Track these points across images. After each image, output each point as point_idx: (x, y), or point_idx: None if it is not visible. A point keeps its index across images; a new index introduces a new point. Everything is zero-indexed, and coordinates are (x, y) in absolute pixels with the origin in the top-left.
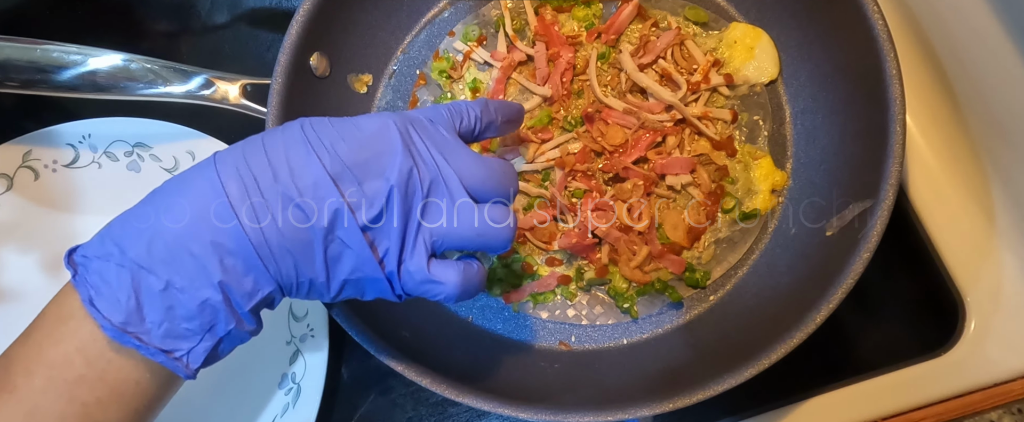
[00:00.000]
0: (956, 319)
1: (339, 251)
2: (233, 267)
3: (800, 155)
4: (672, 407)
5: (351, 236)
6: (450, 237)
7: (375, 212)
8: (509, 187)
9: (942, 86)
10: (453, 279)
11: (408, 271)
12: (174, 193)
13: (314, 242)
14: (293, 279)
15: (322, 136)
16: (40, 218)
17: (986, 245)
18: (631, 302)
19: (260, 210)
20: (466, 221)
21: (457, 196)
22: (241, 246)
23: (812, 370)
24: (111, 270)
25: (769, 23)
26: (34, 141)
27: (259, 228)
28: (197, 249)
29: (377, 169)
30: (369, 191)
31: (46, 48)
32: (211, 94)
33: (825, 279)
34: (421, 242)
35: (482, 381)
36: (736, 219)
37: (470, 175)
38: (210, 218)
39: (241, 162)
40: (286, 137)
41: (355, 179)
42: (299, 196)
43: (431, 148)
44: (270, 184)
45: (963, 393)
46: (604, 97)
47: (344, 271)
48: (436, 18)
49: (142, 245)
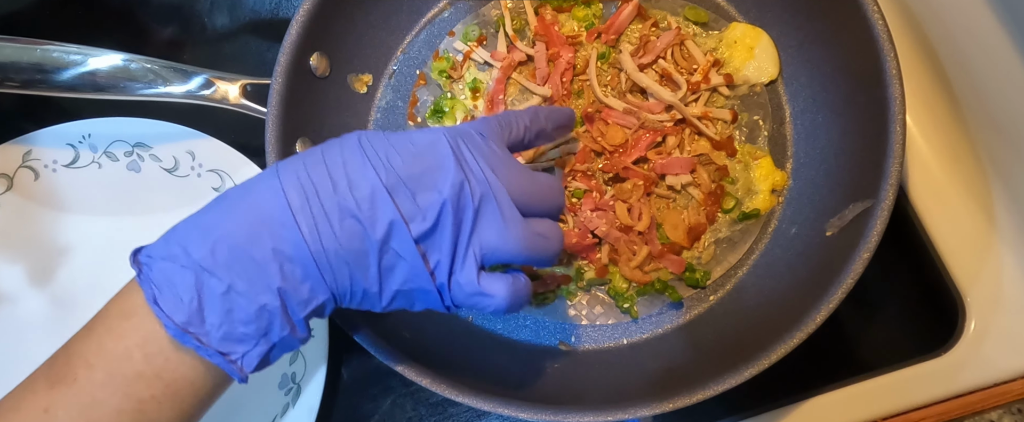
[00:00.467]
0: (956, 319)
1: (393, 262)
2: (292, 274)
3: (800, 155)
4: (672, 407)
5: (405, 248)
6: (499, 250)
7: (428, 225)
8: (557, 202)
9: (942, 86)
10: (503, 292)
11: (458, 283)
12: (238, 199)
13: (369, 252)
14: (347, 288)
15: (378, 149)
16: (40, 218)
17: (986, 245)
18: (631, 302)
19: (320, 220)
20: (515, 235)
21: (507, 210)
22: (300, 254)
23: (812, 370)
24: (175, 271)
25: (769, 23)
26: (34, 141)
27: (318, 237)
28: (259, 255)
29: (430, 182)
30: (423, 204)
31: (46, 48)
32: (211, 94)
33: (825, 279)
34: (471, 255)
35: (482, 381)
36: (736, 219)
37: (519, 189)
38: (272, 225)
39: (302, 172)
40: (345, 149)
41: (409, 192)
42: (356, 208)
43: (481, 162)
44: (329, 194)
45: (963, 393)
46: (604, 97)
47: (397, 282)
48: (436, 18)
49: (206, 248)
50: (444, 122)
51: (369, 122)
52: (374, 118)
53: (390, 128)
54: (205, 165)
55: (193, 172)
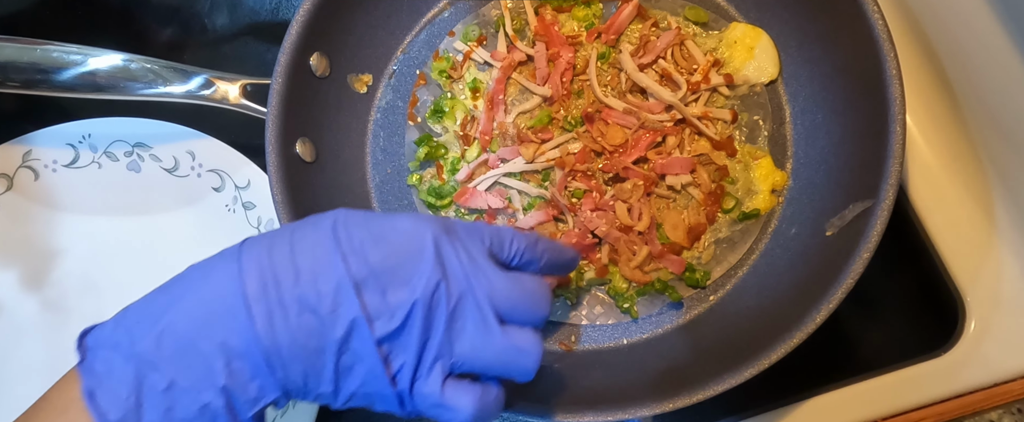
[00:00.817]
0: (956, 319)
1: (351, 363)
2: (239, 371)
3: (800, 155)
4: (672, 407)
5: (365, 348)
6: (472, 360)
7: (394, 325)
8: (541, 311)
9: (942, 86)
10: (467, 407)
11: (420, 392)
12: (194, 283)
13: (326, 351)
14: (301, 386)
15: (353, 236)
16: (40, 218)
17: (986, 245)
18: (631, 302)
19: (275, 312)
20: (491, 345)
21: (485, 315)
22: (250, 349)
23: (812, 370)
24: (117, 362)
25: (769, 23)
26: (34, 141)
27: (272, 331)
28: (206, 348)
29: (404, 277)
30: (392, 301)
31: (46, 48)
32: (211, 94)
33: (825, 279)
34: (439, 363)
35: None
36: (736, 219)
37: (500, 295)
38: (224, 315)
39: (265, 257)
40: (317, 236)
41: (379, 287)
42: (317, 302)
43: (464, 261)
44: (290, 286)
45: (963, 393)
46: (604, 97)
47: (354, 384)
48: (436, 18)
49: (152, 337)
50: (444, 122)
51: (369, 122)
52: (374, 118)
53: (390, 128)
54: (205, 165)
55: (193, 172)
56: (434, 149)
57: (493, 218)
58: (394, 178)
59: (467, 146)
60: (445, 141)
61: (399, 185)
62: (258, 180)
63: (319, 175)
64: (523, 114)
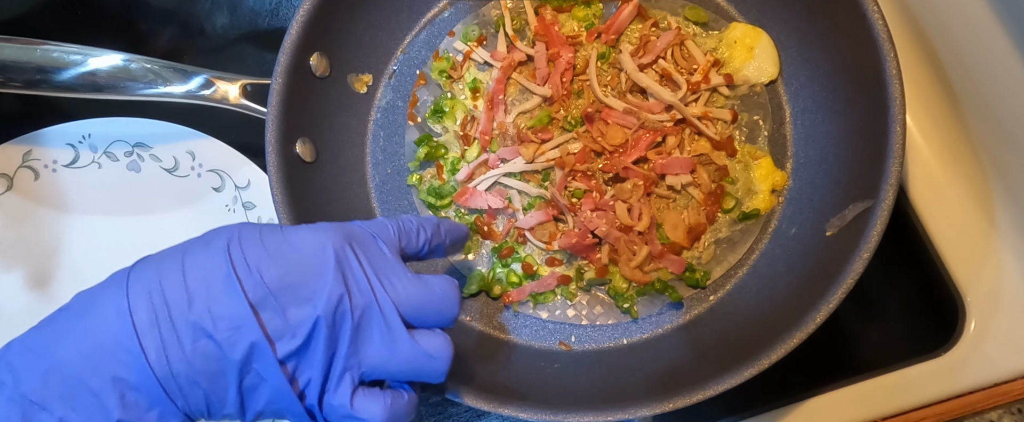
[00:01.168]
0: (956, 319)
1: (255, 383)
2: (135, 403)
3: (800, 155)
4: (672, 407)
5: (268, 369)
6: (381, 367)
7: (297, 344)
8: (449, 313)
9: (942, 86)
10: (378, 415)
11: (330, 405)
12: (79, 316)
13: (227, 373)
14: (204, 410)
15: (248, 256)
16: (40, 218)
17: (986, 245)
18: (631, 302)
19: (169, 341)
20: (399, 353)
21: (392, 324)
22: (145, 381)
23: (812, 370)
24: (1, 403)
25: (769, 23)
26: (34, 141)
27: (165, 361)
28: (96, 384)
29: (305, 294)
30: (293, 320)
31: (46, 48)
32: (211, 94)
33: (825, 279)
34: (347, 374)
35: (482, 381)
36: (736, 219)
37: (408, 301)
38: (114, 349)
39: (155, 284)
40: (209, 257)
41: (279, 306)
42: (213, 327)
43: (368, 270)
44: (183, 312)
45: (963, 393)
46: (604, 97)
47: (259, 403)
48: (436, 18)
49: (37, 376)
50: (444, 122)
51: (369, 122)
52: (374, 118)
53: (390, 128)
54: (205, 165)
55: (193, 172)
56: (434, 149)
57: (493, 218)
58: (394, 178)
59: (467, 146)
60: (445, 141)
61: (399, 185)
62: (258, 180)
63: (319, 175)
64: (523, 114)
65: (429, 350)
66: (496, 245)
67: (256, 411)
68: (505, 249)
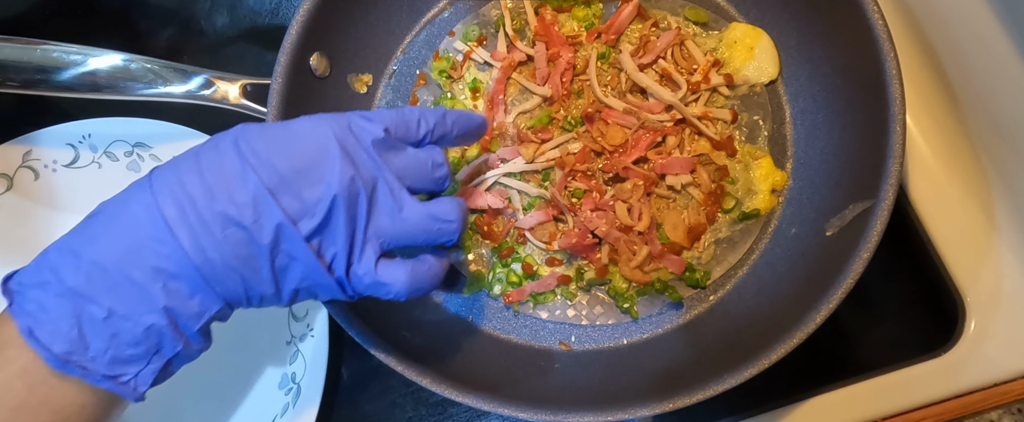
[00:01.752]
0: (956, 319)
1: (286, 263)
2: (177, 290)
3: (800, 155)
4: (672, 407)
5: (297, 248)
6: (398, 236)
7: (318, 221)
8: (441, 173)
9: (942, 86)
10: (401, 279)
11: (356, 274)
12: (112, 217)
13: (259, 257)
14: (242, 294)
15: (256, 148)
16: (40, 218)
17: (986, 245)
18: (631, 302)
19: (200, 231)
20: (412, 219)
21: (398, 194)
22: (184, 269)
23: (812, 370)
24: (50, 299)
25: (769, 23)
26: (34, 141)
27: (201, 250)
28: (138, 276)
29: (317, 176)
30: (310, 200)
31: (46, 48)
32: (211, 94)
33: (825, 279)
34: (370, 245)
35: (482, 381)
36: (736, 219)
37: (407, 172)
38: (150, 242)
39: (176, 183)
40: (220, 152)
41: (295, 189)
42: (239, 214)
43: (369, 148)
44: (208, 205)
45: (963, 393)
46: (604, 97)
47: (293, 281)
48: (436, 18)
49: (81, 273)
50: None
51: None
52: None
53: None
54: None
55: None
56: None
57: (493, 218)
58: None
59: (467, 146)
60: None
61: None
62: None
63: None
64: (523, 114)
65: (436, 211)
66: (496, 245)
67: (291, 290)
68: (505, 249)
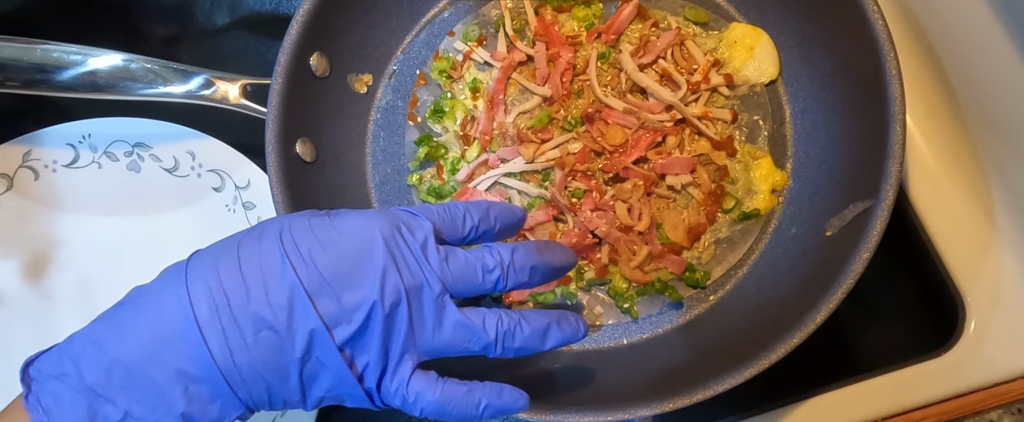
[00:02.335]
0: (956, 319)
1: (316, 370)
2: (198, 395)
3: (800, 155)
4: (672, 407)
5: (329, 356)
6: (437, 347)
7: (354, 328)
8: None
9: (942, 86)
10: (433, 398)
11: (387, 390)
12: (141, 311)
13: (288, 364)
14: (265, 400)
15: (300, 244)
16: (40, 218)
17: (986, 245)
18: (631, 302)
19: (231, 333)
20: (452, 329)
21: (443, 303)
22: (208, 373)
23: (812, 370)
24: (66, 394)
25: (769, 23)
26: (34, 141)
27: (229, 353)
28: (160, 377)
29: (359, 279)
30: (349, 305)
31: (46, 48)
32: (211, 94)
33: (825, 279)
34: (407, 357)
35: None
36: (736, 219)
37: (452, 278)
38: (176, 341)
39: (213, 276)
40: (263, 247)
41: (334, 293)
42: (273, 317)
43: (417, 253)
44: (242, 303)
45: (963, 393)
46: (604, 97)
47: (321, 389)
48: (436, 18)
49: (101, 369)
50: (444, 122)
51: (369, 122)
52: (374, 118)
53: (390, 128)
54: (205, 165)
55: (193, 172)
56: (434, 149)
57: None
58: (394, 178)
59: (467, 146)
60: (445, 141)
61: (399, 185)
62: (258, 180)
63: (319, 175)
64: (523, 114)
65: (476, 324)
66: None
67: (317, 398)
68: None
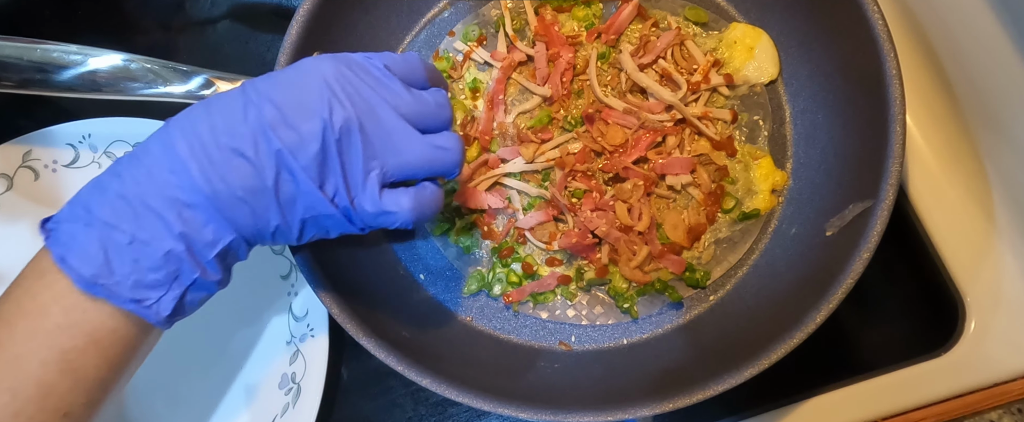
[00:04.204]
0: (956, 319)
1: (291, 193)
2: (192, 219)
3: (800, 155)
4: (672, 407)
5: (298, 177)
6: (399, 166)
7: (313, 151)
8: (445, 116)
9: (942, 86)
10: (406, 205)
11: (361, 205)
12: (134, 156)
13: (265, 188)
14: (252, 225)
15: (260, 88)
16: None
17: (986, 245)
18: (631, 302)
19: (209, 164)
20: (412, 148)
21: (396, 125)
22: (197, 198)
23: (812, 370)
24: (80, 230)
25: (769, 23)
26: (34, 141)
27: (210, 180)
28: (157, 204)
29: (312, 109)
30: (305, 132)
31: (46, 48)
32: (211, 94)
33: (825, 279)
34: (372, 174)
35: (482, 381)
36: (736, 219)
37: (409, 107)
38: (166, 175)
39: (187, 122)
40: (228, 97)
41: (292, 122)
42: (241, 146)
43: (366, 83)
44: (214, 138)
45: (963, 393)
46: (604, 97)
47: (299, 211)
48: (436, 18)
49: (107, 205)
50: None
51: None
52: None
53: None
54: None
55: None
56: None
57: (493, 218)
58: None
59: (467, 146)
60: None
61: None
62: None
63: None
64: (523, 114)
65: (439, 142)
66: (496, 245)
67: (299, 220)
68: (505, 249)
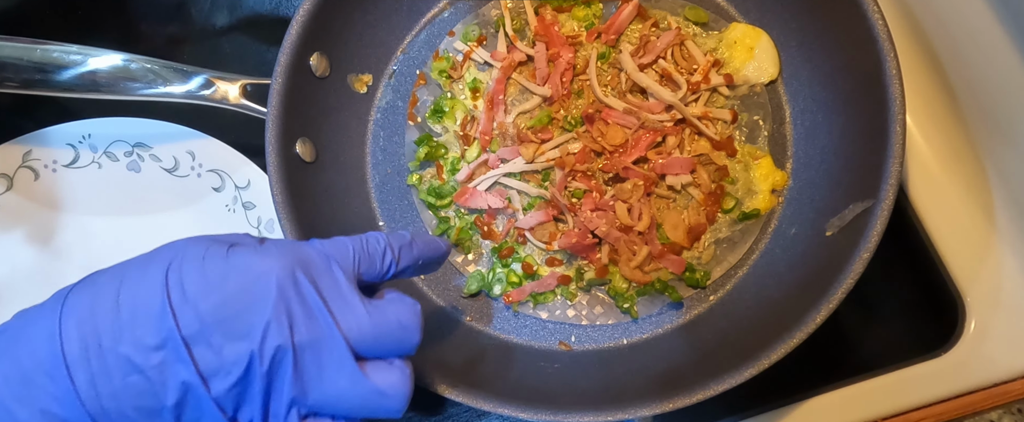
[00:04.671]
0: (956, 319)
1: (194, 420)
2: None
3: (800, 155)
4: (672, 407)
5: (204, 408)
6: (329, 405)
7: (231, 381)
8: (408, 343)
9: (942, 86)
10: None
11: None
12: (13, 341)
13: (161, 412)
14: None
15: (186, 282)
16: (40, 218)
17: (986, 245)
18: (631, 302)
19: (100, 375)
20: (348, 389)
21: (339, 360)
22: (75, 414)
23: (812, 370)
24: None
25: (769, 23)
26: (34, 141)
27: (96, 396)
28: (24, 415)
29: (243, 328)
30: (227, 356)
31: (46, 48)
32: (211, 94)
33: (825, 279)
34: (294, 411)
35: (482, 381)
36: (736, 219)
37: (359, 333)
38: (43, 380)
39: (87, 312)
40: (145, 282)
41: (215, 341)
42: (144, 362)
43: (315, 300)
44: (113, 345)
45: (963, 393)
46: (604, 97)
47: None
48: (436, 18)
49: None
50: (444, 122)
51: (369, 122)
52: (374, 118)
53: (390, 128)
54: (205, 165)
55: (193, 172)
56: (434, 149)
57: (493, 218)
58: (394, 178)
59: (467, 146)
60: (445, 141)
61: (399, 185)
62: (258, 180)
63: (319, 175)
64: (523, 114)
65: (382, 386)
66: (496, 245)
67: None
68: (505, 249)
